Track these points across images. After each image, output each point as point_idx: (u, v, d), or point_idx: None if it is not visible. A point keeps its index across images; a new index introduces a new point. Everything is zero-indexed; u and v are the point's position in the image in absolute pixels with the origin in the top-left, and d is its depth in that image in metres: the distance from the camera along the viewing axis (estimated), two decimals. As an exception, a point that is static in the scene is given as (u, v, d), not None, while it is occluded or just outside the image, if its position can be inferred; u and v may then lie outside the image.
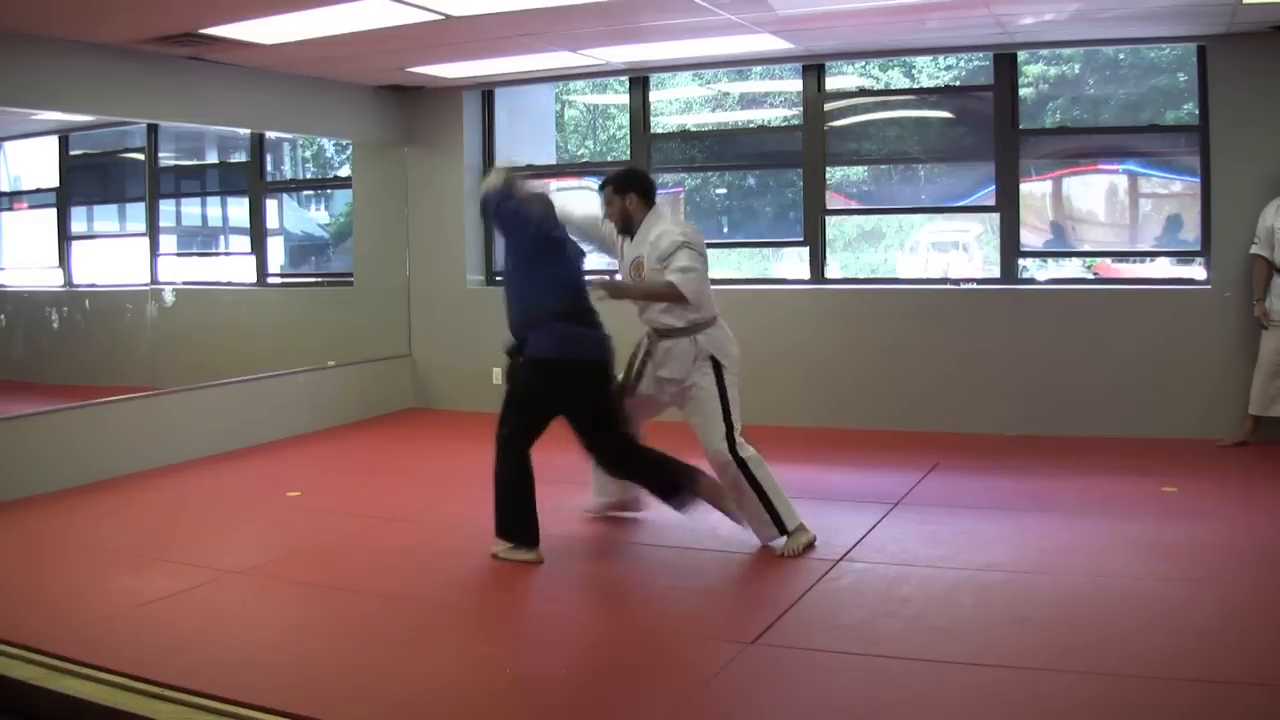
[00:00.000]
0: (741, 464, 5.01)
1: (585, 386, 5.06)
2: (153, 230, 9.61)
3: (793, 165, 8.74)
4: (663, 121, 10.13)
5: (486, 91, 9.36)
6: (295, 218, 11.03)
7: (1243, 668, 3.68)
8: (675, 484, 5.14)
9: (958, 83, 10.01)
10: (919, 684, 3.65)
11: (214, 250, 10.98)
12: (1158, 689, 3.54)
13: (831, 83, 8.54)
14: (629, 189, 5.26)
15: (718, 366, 5.10)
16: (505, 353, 5.20)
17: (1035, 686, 3.59)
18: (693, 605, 4.52)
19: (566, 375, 5.02)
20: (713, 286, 5.21)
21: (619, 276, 5.44)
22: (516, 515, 5.02)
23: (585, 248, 5.46)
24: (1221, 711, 3.39)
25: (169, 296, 9.56)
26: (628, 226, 5.28)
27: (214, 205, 10.95)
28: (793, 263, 9.45)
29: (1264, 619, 4.15)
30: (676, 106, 11.18)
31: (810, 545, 5.07)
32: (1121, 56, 9.11)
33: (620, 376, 5.28)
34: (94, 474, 6.76)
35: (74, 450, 6.75)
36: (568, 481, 5.71)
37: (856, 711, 3.47)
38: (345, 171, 10.74)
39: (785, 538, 5.07)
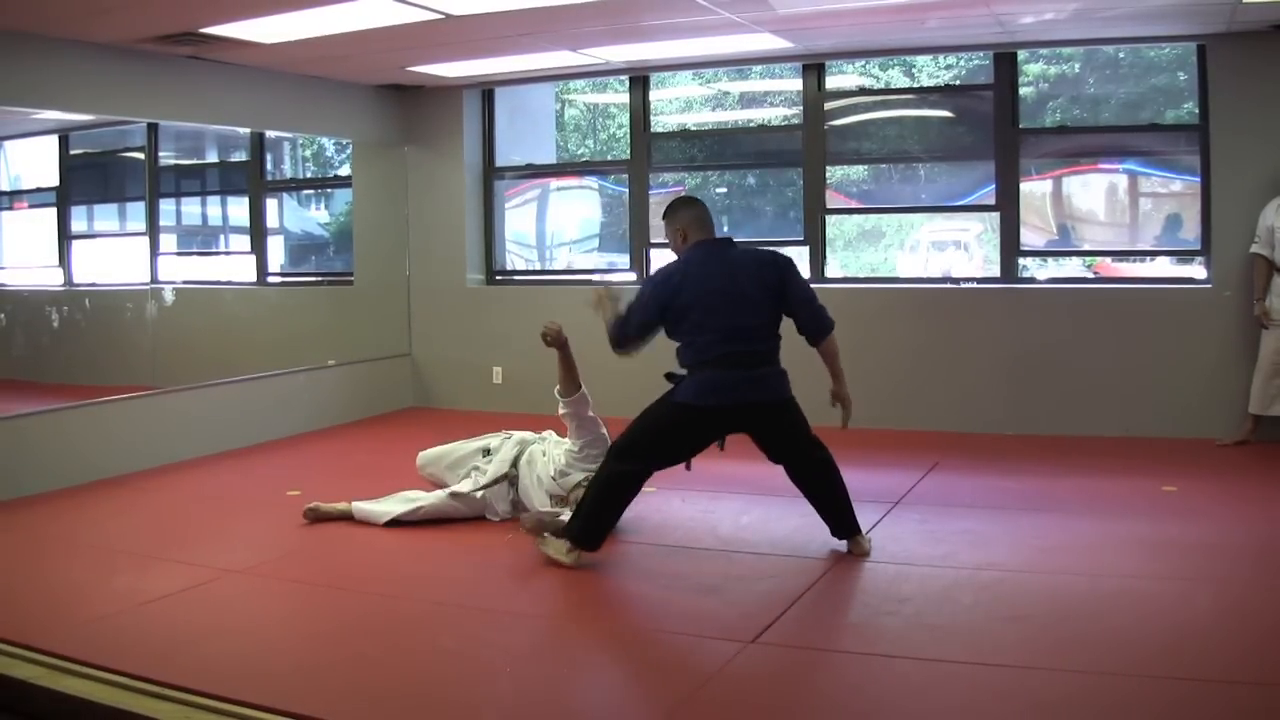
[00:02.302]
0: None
1: None
2: (153, 229, 9.61)
3: (793, 164, 8.75)
4: (663, 120, 10.13)
5: (486, 90, 9.37)
6: (295, 217, 11.02)
7: (1239, 666, 3.69)
8: None
9: (958, 82, 9.99)
10: (918, 682, 3.66)
11: (214, 249, 10.99)
12: (1155, 687, 3.54)
13: (831, 82, 8.54)
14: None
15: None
16: None
17: (1034, 684, 3.59)
18: (692, 604, 4.52)
19: None
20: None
21: None
22: None
23: None
24: (1217, 709, 3.40)
25: (169, 296, 9.57)
26: None
27: (214, 204, 10.95)
28: (793, 262, 9.43)
29: (1261, 618, 4.16)
30: (676, 105, 11.17)
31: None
32: (1121, 55, 9.10)
33: None
34: (94, 473, 6.77)
35: (74, 449, 6.76)
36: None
37: (856, 710, 3.48)
38: (345, 171, 10.74)
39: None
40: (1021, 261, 8.09)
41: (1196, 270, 7.81)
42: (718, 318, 4.85)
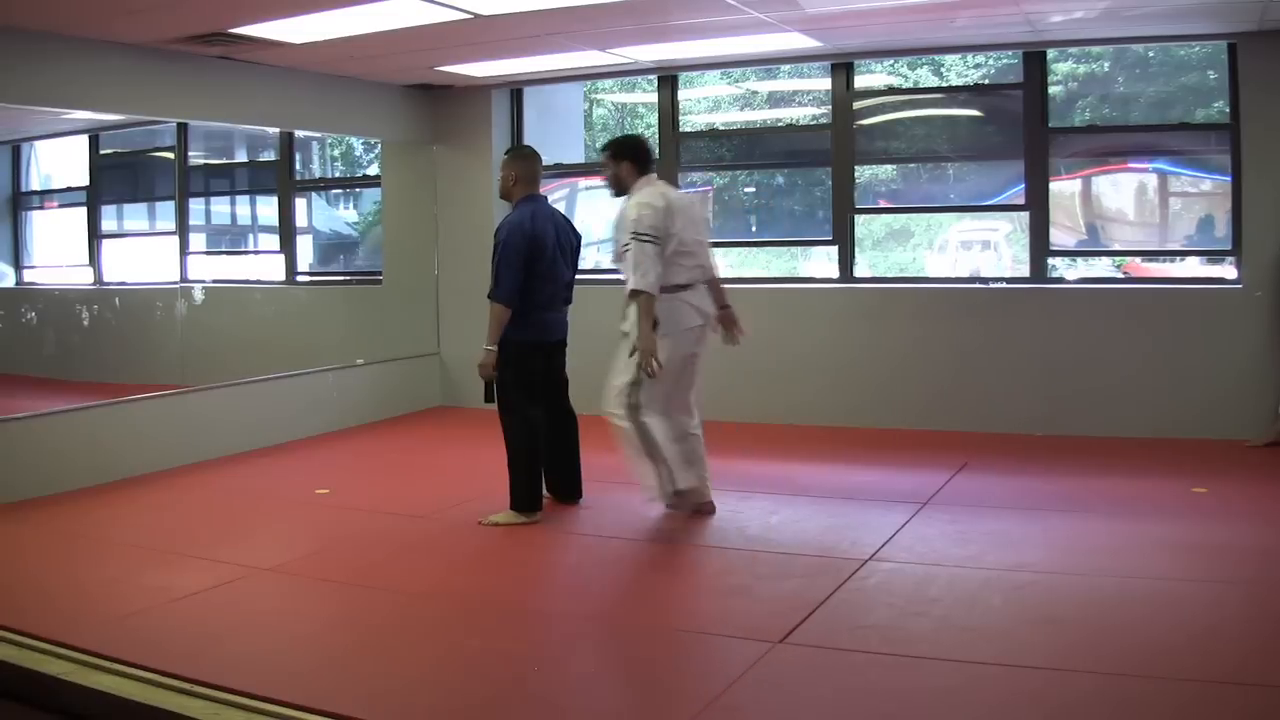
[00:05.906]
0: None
1: None
2: (182, 228, 9.67)
3: (821, 164, 8.72)
4: (691, 120, 10.12)
5: (515, 90, 9.38)
6: (324, 216, 11.08)
7: (1272, 669, 3.65)
8: None
9: (987, 81, 9.96)
10: (947, 684, 3.64)
11: (243, 248, 11.04)
12: (1186, 690, 3.51)
13: (860, 81, 8.51)
14: (623, 157, 5.83)
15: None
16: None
17: (1063, 687, 3.57)
18: (720, 604, 4.52)
19: None
20: (740, 285, 5.19)
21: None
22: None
23: None
24: (1249, 713, 3.37)
25: (198, 294, 9.62)
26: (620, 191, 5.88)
27: (243, 204, 11.01)
28: (821, 261, 9.43)
29: (1296, 621, 4.12)
30: (705, 105, 11.17)
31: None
32: (1151, 54, 9.05)
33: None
34: (123, 471, 6.82)
35: (104, 447, 6.80)
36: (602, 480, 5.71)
37: (884, 711, 3.46)
38: (374, 170, 10.78)
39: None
40: (1051, 261, 8.03)
41: (1227, 270, 7.75)
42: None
